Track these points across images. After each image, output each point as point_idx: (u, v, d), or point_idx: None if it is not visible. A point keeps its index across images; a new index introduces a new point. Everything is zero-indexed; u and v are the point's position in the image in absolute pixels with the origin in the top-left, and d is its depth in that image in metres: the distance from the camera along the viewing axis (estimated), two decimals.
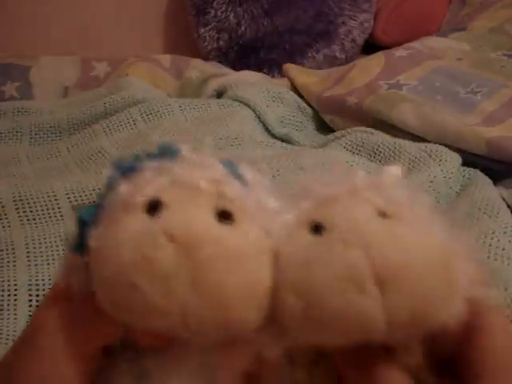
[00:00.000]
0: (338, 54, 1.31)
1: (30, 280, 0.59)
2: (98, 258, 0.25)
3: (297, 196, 0.28)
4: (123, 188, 0.26)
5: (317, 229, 0.25)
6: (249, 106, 0.91)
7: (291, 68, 1.09)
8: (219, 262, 0.24)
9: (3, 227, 0.63)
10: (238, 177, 0.27)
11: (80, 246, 0.26)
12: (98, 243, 0.25)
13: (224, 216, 0.25)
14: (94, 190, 0.67)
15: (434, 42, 1.06)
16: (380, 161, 0.76)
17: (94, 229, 0.25)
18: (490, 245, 0.55)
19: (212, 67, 1.13)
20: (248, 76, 1.08)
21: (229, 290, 0.24)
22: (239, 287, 0.24)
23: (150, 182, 0.25)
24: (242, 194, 0.26)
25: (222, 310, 0.24)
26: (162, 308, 0.23)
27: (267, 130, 0.90)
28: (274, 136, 0.89)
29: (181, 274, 0.23)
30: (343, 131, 0.85)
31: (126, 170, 0.27)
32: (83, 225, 0.26)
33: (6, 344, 0.53)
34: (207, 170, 0.26)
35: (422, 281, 0.24)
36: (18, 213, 0.64)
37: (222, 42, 1.27)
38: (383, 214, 0.26)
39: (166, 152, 0.27)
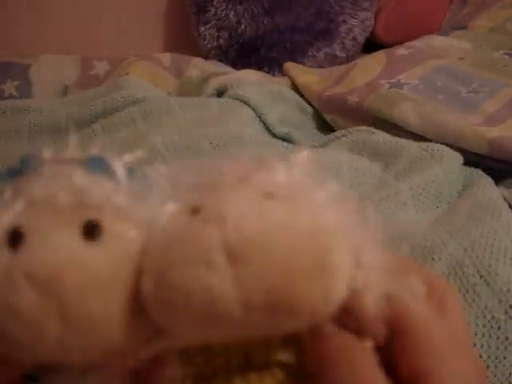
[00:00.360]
0: (338, 53, 1.30)
1: None
2: None
3: (188, 185, 0.26)
4: None
5: (193, 213, 0.24)
6: (249, 105, 0.91)
7: (292, 67, 1.08)
8: (83, 293, 0.23)
9: None
10: (108, 173, 0.25)
11: None
12: None
13: (91, 229, 0.23)
14: None
15: (435, 41, 1.06)
16: (381, 160, 0.76)
17: None
18: (492, 245, 0.55)
19: (212, 66, 1.13)
20: (248, 75, 1.07)
21: (97, 319, 0.23)
22: (107, 313, 0.23)
23: (7, 209, 0.24)
24: (109, 194, 0.24)
25: (94, 340, 0.23)
26: (37, 349, 0.23)
27: (267, 129, 0.90)
28: (274, 135, 0.89)
29: (47, 315, 0.22)
30: (344, 131, 0.85)
31: None
32: None
33: None
34: (66, 178, 0.24)
35: (282, 255, 0.22)
36: None
37: (222, 41, 1.27)
38: (269, 196, 0.24)
39: (26, 164, 0.25)
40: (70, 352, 0.23)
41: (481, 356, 0.47)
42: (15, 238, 0.23)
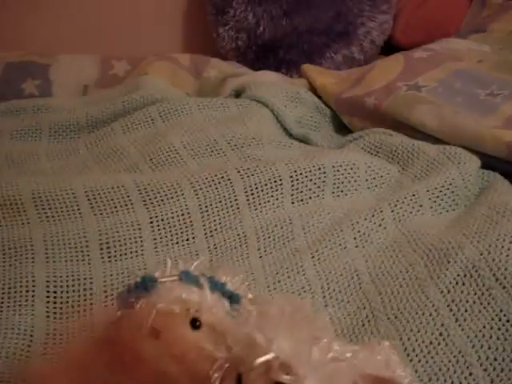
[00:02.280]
0: (356, 55, 1.30)
1: (48, 276, 0.59)
2: None
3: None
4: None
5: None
6: (267, 106, 0.91)
7: (309, 69, 1.08)
8: None
9: (22, 224, 0.64)
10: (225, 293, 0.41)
11: None
12: None
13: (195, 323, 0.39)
14: (112, 187, 0.67)
15: (453, 44, 1.05)
16: (398, 162, 0.76)
17: None
18: (509, 248, 0.55)
19: (231, 67, 1.14)
20: (266, 76, 1.08)
21: None
22: None
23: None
24: (203, 299, 0.40)
25: None
26: None
27: (285, 130, 0.90)
28: (291, 136, 0.89)
29: None
30: (361, 132, 0.85)
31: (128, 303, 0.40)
32: None
33: (24, 339, 0.54)
34: (176, 292, 0.40)
35: None
36: (37, 210, 0.65)
37: (240, 42, 1.27)
38: None
39: (145, 282, 0.40)
40: None
41: (495, 359, 0.47)
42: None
